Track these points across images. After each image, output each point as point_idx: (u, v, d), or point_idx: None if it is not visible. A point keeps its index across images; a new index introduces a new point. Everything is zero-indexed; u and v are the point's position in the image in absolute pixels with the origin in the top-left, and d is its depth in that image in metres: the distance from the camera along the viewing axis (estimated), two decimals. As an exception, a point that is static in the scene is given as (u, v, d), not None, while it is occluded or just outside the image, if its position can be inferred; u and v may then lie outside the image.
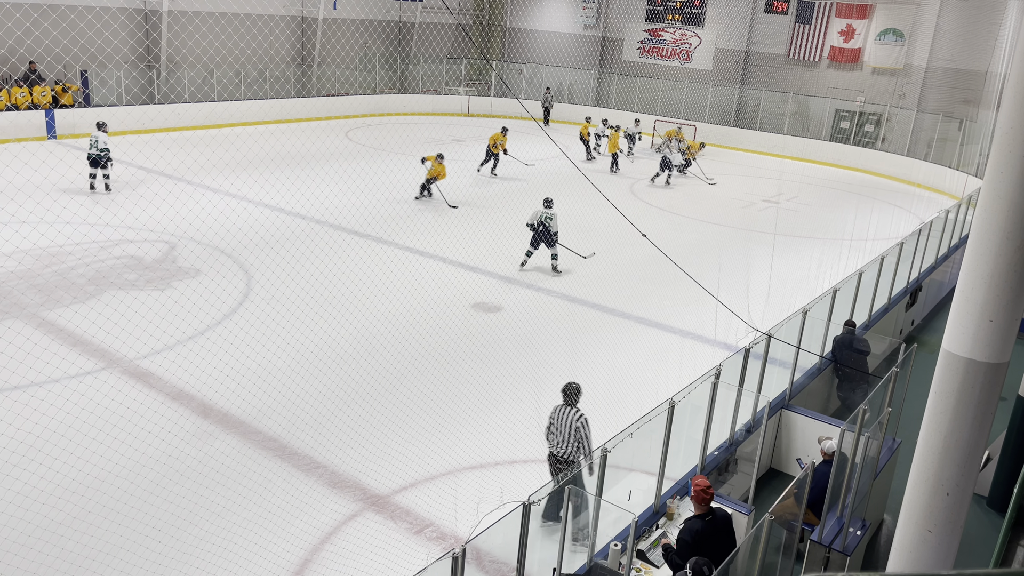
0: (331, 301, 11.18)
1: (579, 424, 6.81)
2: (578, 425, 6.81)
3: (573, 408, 6.91)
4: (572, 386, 7.02)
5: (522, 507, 5.00)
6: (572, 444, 6.85)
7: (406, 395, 9.13)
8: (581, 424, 6.82)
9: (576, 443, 6.84)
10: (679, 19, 32.68)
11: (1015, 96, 4.26)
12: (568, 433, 6.84)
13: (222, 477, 7.36)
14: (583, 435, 6.82)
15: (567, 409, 6.92)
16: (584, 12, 34.78)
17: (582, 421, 6.83)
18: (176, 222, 13.94)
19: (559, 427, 6.91)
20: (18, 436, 7.33)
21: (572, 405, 6.94)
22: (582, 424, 6.82)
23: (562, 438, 6.89)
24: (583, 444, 6.83)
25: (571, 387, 7.02)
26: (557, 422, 6.93)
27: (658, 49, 33.52)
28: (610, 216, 10.93)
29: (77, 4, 22.16)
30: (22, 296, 10.98)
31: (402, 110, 30.69)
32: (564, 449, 6.90)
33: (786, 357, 8.92)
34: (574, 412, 6.88)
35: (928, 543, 4.81)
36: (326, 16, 29.08)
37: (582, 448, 6.85)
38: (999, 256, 4.35)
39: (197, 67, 25.19)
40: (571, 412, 6.88)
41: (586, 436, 6.84)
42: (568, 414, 6.87)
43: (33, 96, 21.23)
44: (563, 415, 6.90)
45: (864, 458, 6.70)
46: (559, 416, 6.93)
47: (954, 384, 4.63)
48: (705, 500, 5.92)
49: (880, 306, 11.79)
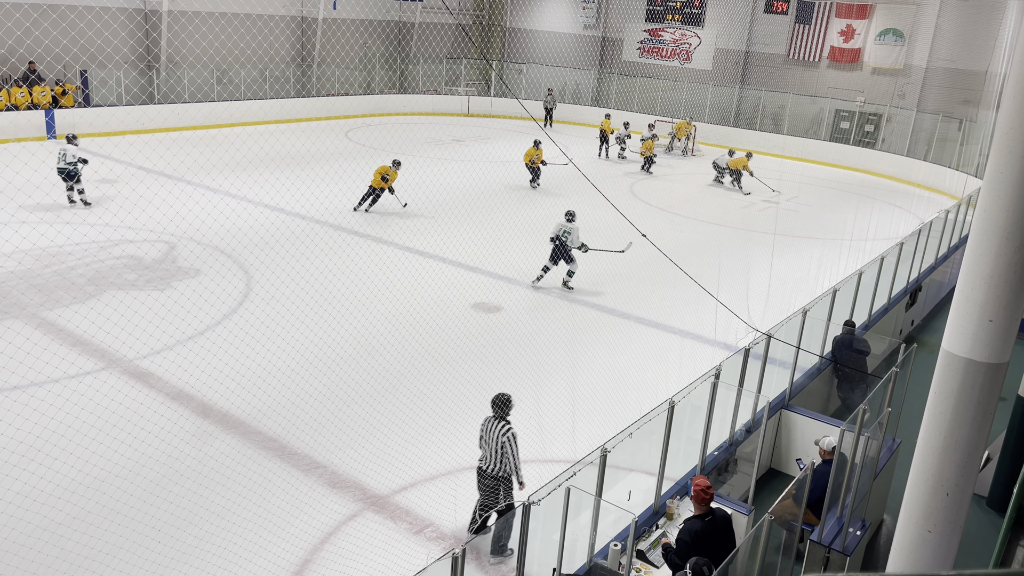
0: (331, 301, 11.18)
1: (505, 439, 6.44)
2: (504, 440, 6.44)
3: (502, 421, 6.53)
4: (501, 398, 6.63)
5: (522, 507, 5.00)
6: (498, 459, 6.50)
7: (406, 395, 9.13)
8: (508, 439, 6.45)
9: (501, 458, 6.48)
10: (679, 19, 32.69)
11: (1015, 96, 4.26)
12: (496, 447, 6.47)
13: (222, 477, 7.36)
14: (509, 451, 6.44)
15: (496, 422, 6.54)
16: (584, 12, 34.78)
17: (508, 436, 6.45)
18: (176, 222, 13.94)
19: (487, 440, 6.56)
20: (18, 436, 7.33)
21: (501, 418, 6.55)
22: (508, 439, 6.45)
23: (489, 452, 6.55)
24: (509, 460, 6.47)
25: (500, 399, 6.62)
26: (486, 435, 6.58)
27: (658, 49, 33.53)
28: (610, 216, 10.93)
29: (77, 4, 22.16)
30: (22, 296, 10.98)
31: (402, 110, 30.69)
32: (490, 464, 6.55)
33: (786, 357, 8.92)
34: (502, 426, 6.49)
35: (928, 543, 4.81)
36: (326, 16, 29.08)
37: (507, 464, 6.48)
38: (999, 256, 4.35)
39: (197, 67, 25.19)
40: (499, 425, 6.50)
41: (512, 452, 6.46)
42: (496, 427, 6.50)
43: (33, 96, 21.23)
44: (491, 428, 6.53)
45: (864, 458, 6.70)
46: (488, 429, 6.57)
47: (954, 384, 4.63)
48: (705, 500, 5.92)
49: (880, 306, 11.79)
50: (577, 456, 7.58)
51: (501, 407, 6.59)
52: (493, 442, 6.47)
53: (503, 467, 6.49)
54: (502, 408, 6.59)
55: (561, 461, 7.89)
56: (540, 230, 16.06)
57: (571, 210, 13.07)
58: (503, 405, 6.59)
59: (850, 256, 16.01)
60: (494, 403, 6.63)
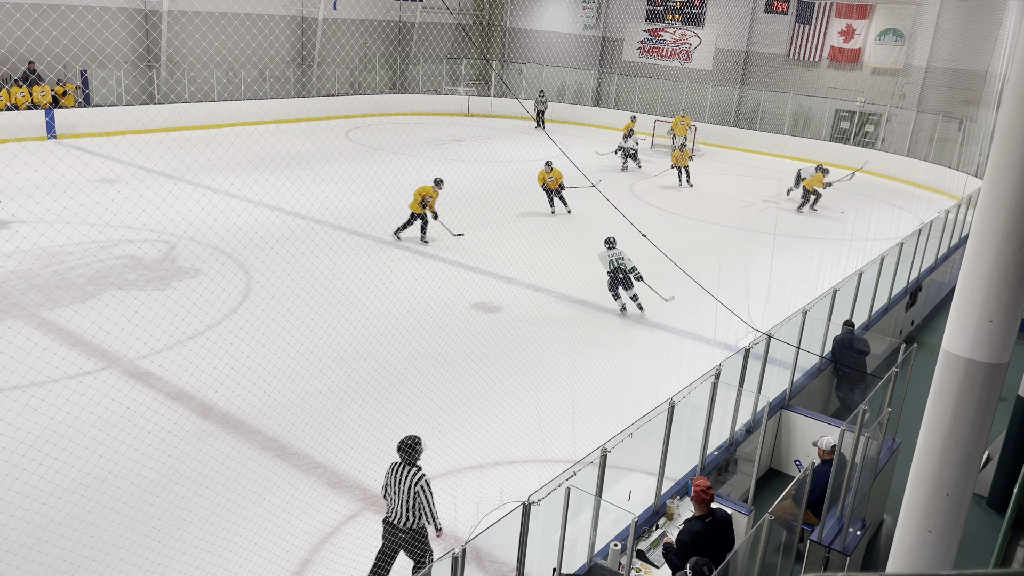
0: (331, 301, 11.18)
1: (419, 488, 5.74)
2: (417, 490, 5.75)
3: (412, 467, 5.81)
4: (409, 441, 5.86)
5: (522, 507, 5.00)
6: (410, 511, 5.80)
7: (406, 395, 9.13)
8: (421, 488, 5.75)
9: (415, 509, 5.79)
10: (679, 19, 32.68)
11: (1015, 96, 4.26)
12: (406, 498, 5.77)
13: (222, 477, 7.36)
14: (423, 499, 5.77)
15: (406, 469, 5.80)
16: (584, 12, 34.78)
17: (422, 484, 5.75)
18: (176, 222, 13.94)
19: (396, 490, 5.82)
20: (18, 436, 7.33)
21: (411, 464, 5.82)
22: (422, 488, 5.75)
23: (399, 503, 5.81)
24: (425, 511, 5.81)
25: (409, 443, 5.85)
26: (393, 484, 5.84)
27: (658, 49, 33.53)
28: (610, 216, 10.93)
29: (77, 4, 22.17)
30: (22, 296, 10.98)
31: (402, 110, 30.69)
32: (402, 517, 5.82)
33: (786, 357, 8.92)
34: (413, 472, 5.78)
35: (928, 543, 4.81)
36: (326, 16, 29.08)
37: (424, 514, 5.82)
38: (999, 256, 4.35)
39: (197, 67, 25.19)
40: (410, 472, 5.78)
41: (427, 501, 5.78)
42: (406, 475, 5.77)
43: (33, 96, 21.23)
44: (401, 476, 5.78)
45: (864, 458, 6.70)
46: (395, 478, 5.82)
47: (954, 384, 4.63)
48: (705, 501, 5.92)
49: (880, 306, 11.79)
50: (577, 456, 7.58)
51: (410, 452, 5.83)
52: (404, 492, 5.77)
53: (417, 519, 5.83)
54: (411, 453, 5.83)
55: (561, 461, 7.89)
56: (541, 230, 16.07)
57: (610, 237, 12.33)
58: (412, 450, 5.83)
59: (850, 256, 16.02)
60: (402, 448, 5.87)
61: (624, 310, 12.29)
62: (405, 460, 5.86)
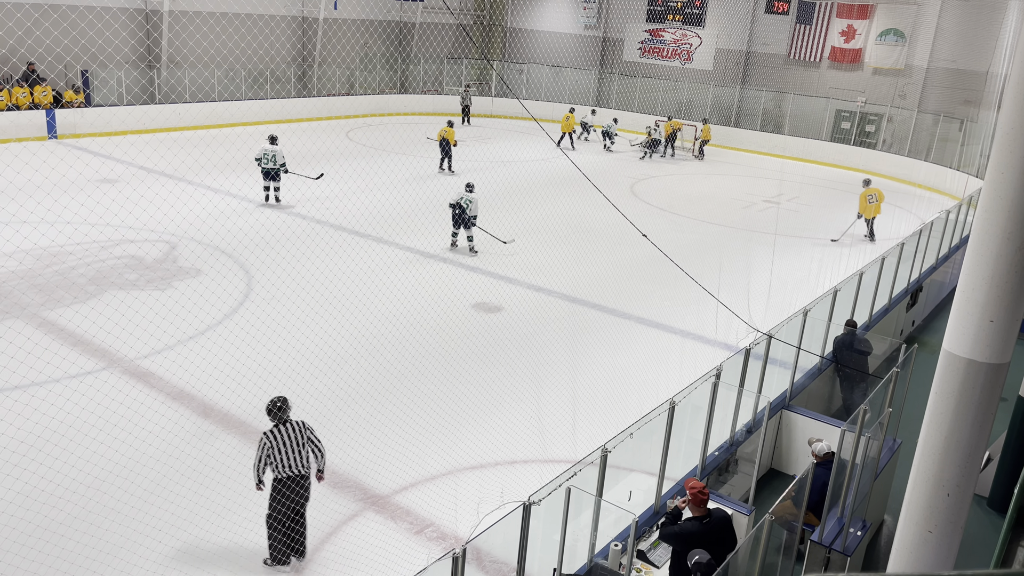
0: (331, 301, 11.18)
1: (310, 434, 6.35)
2: (309, 435, 6.34)
3: (289, 423, 6.31)
4: (279, 402, 6.33)
5: (522, 507, 5.00)
6: (306, 460, 6.29)
7: (406, 395, 9.13)
8: (312, 432, 6.38)
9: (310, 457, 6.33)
10: (680, 19, 32.68)
11: (1016, 96, 4.26)
12: (301, 449, 6.26)
13: (222, 477, 7.36)
14: (317, 444, 6.38)
15: (287, 426, 6.27)
16: (585, 12, 34.77)
17: (311, 431, 6.36)
18: (176, 222, 13.94)
19: (289, 448, 6.23)
20: (18, 436, 7.33)
21: (285, 421, 6.30)
22: (311, 431, 6.38)
23: (296, 456, 6.24)
24: (318, 455, 6.39)
25: (279, 403, 6.32)
26: (282, 445, 6.21)
27: (659, 49, 33.52)
28: (610, 216, 10.92)
29: (77, 4, 22.17)
30: (23, 296, 10.98)
31: (402, 110, 30.69)
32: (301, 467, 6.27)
33: (787, 358, 8.92)
34: (297, 426, 6.32)
35: (928, 544, 4.81)
36: (326, 16, 29.08)
37: (316, 454, 6.39)
38: (1000, 257, 4.35)
39: (198, 67, 25.19)
40: (293, 427, 6.29)
41: (321, 444, 6.42)
42: (292, 430, 6.26)
43: (34, 96, 21.24)
44: (288, 434, 6.24)
45: (864, 458, 6.69)
46: (283, 438, 6.22)
47: (955, 385, 4.62)
48: (702, 501, 5.84)
49: (881, 307, 11.78)
50: (577, 456, 7.58)
51: (282, 411, 6.31)
52: (300, 445, 6.25)
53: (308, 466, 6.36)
54: (283, 411, 6.32)
55: (561, 461, 7.89)
56: (541, 230, 16.06)
57: (470, 183, 14.63)
58: (282, 410, 6.32)
59: (851, 256, 16.01)
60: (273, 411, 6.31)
61: (454, 246, 14.59)
62: (280, 420, 6.30)
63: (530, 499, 5.03)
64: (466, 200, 14.24)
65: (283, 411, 6.31)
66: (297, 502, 6.32)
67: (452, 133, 20.81)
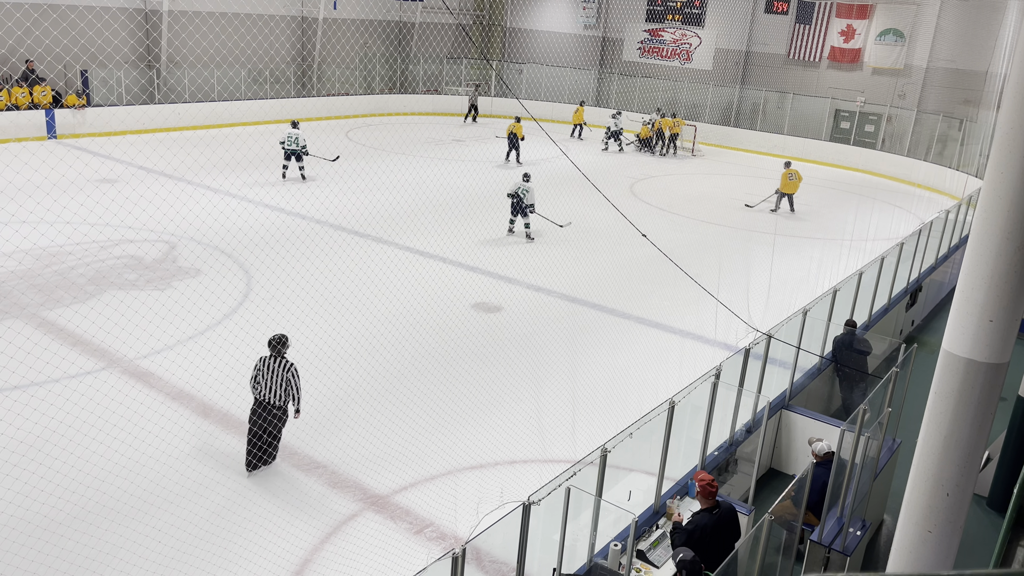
0: (331, 301, 11.18)
1: (290, 375, 7.32)
2: (289, 376, 7.31)
3: (282, 359, 7.35)
4: (281, 338, 7.43)
5: (522, 507, 5.00)
6: (283, 392, 7.32)
7: (406, 395, 9.13)
8: (292, 374, 7.34)
9: (284, 392, 7.32)
10: (679, 19, 32.68)
11: (1015, 96, 4.26)
12: (280, 381, 7.29)
13: (222, 477, 7.36)
14: (295, 382, 7.36)
15: (276, 360, 7.33)
16: (584, 12, 34.77)
17: (293, 371, 7.35)
18: (176, 222, 13.94)
19: (268, 378, 7.31)
20: (18, 436, 7.33)
21: (282, 356, 7.37)
22: (293, 374, 7.34)
23: (271, 387, 7.30)
24: (294, 392, 7.36)
25: (280, 339, 7.42)
26: (266, 373, 7.32)
27: (658, 49, 33.52)
28: (610, 216, 10.93)
29: (77, 4, 22.16)
30: (22, 296, 10.98)
31: (402, 110, 30.69)
32: (274, 398, 7.31)
33: (786, 357, 8.92)
34: (286, 363, 7.34)
35: (928, 543, 4.81)
36: (326, 16, 29.08)
37: (292, 395, 7.37)
38: (999, 256, 4.35)
39: (197, 67, 25.19)
40: (281, 362, 7.33)
41: (298, 384, 7.40)
42: (279, 364, 7.32)
43: (33, 96, 21.23)
44: (273, 365, 7.31)
45: (864, 458, 6.70)
46: (268, 367, 7.32)
47: (954, 384, 4.62)
48: (711, 494, 5.98)
49: (880, 306, 11.79)
50: (577, 456, 7.58)
51: (280, 347, 7.40)
52: (277, 377, 7.29)
53: (285, 400, 7.37)
54: (281, 348, 7.40)
55: (561, 461, 7.89)
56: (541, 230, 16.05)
57: (527, 173, 15.60)
58: (282, 345, 7.41)
59: (850, 256, 16.01)
60: (273, 344, 7.39)
61: (511, 232, 15.47)
62: (276, 353, 7.37)
63: (530, 499, 5.03)
64: (523, 190, 15.06)
65: (277, 347, 7.40)
66: (267, 424, 7.31)
67: (520, 128, 22.31)
